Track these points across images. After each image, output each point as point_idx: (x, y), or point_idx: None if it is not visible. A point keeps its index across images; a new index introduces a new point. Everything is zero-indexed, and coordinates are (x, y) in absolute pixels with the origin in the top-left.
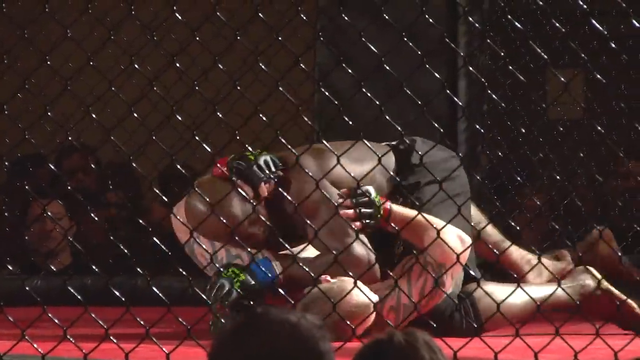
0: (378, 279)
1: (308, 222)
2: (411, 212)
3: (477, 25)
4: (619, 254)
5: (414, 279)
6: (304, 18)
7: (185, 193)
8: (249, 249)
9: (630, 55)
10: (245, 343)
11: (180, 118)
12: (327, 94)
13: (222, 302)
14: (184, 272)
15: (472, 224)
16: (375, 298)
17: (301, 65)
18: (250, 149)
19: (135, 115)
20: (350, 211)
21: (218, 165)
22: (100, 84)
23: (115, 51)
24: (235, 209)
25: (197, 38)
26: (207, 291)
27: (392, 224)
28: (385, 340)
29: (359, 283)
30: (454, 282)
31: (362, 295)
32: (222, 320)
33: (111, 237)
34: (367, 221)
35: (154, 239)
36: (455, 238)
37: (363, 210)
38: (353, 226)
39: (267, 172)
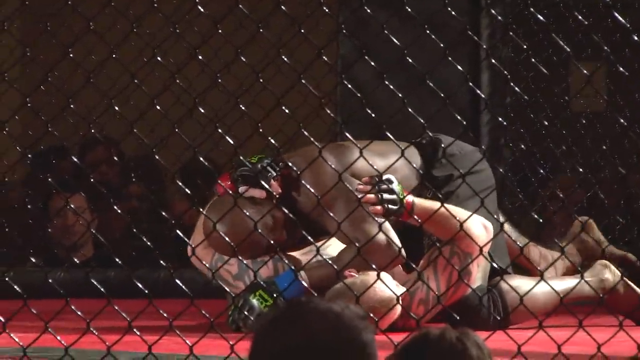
0: (403, 262)
1: (331, 214)
2: (434, 204)
3: (499, 17)
4: (604, 241)
5: (440, 270)
6: (326, 10)
7: (201, 215)
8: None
9: None
10: (288, 332)
11: (202, 111)
12: (349, 86)
13: (245, 322)
14: (206, 265)
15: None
16: (399, 291)
17: (324, 57)
18: (273, 141)
19: (158, 107)
20: (372, 196)
21: (220, 183)
22: (122, 76)
23: (137, 44)
24: (254, 218)
25: (220, 30)
26: (235, 310)
27: (416, 217)
28: (436, 335)
29: (384, 275)
30: (481, 271)
31: (387, 289)
32: (244, 314)
33: (134, 230)
34: (390, 206)
35: (177, 231)
36: (480, 226)
37: (385, 196)
38: (375, 213)
39: (271, 170)
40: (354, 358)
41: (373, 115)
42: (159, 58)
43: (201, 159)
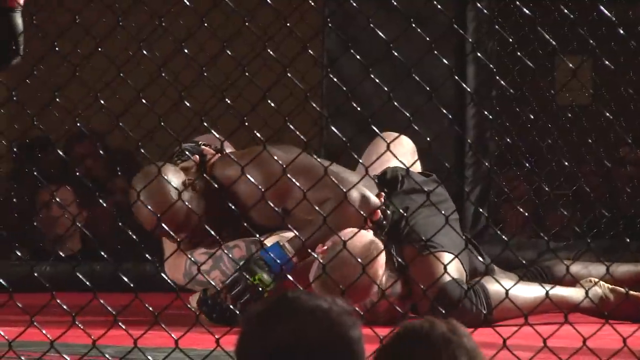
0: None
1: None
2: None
3: (485, 11)
4: None
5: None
6: (312, 4)
7: None
8: (257, 236)
9: (639, 41)
10: (276, 330)
11: (188, 104)
12: (335, 80)
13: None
14: (192, 259)
15: None
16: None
17: (309, 51)
18: (258, 134)
19: (144, 101)
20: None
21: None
22: (108, 70)
23: (123, 37)
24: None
25: (206, 24)
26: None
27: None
28: (426, 327)
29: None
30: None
31: (365, 236)
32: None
33: (120, 224)
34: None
35: (162, 224)
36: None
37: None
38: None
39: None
40: (342, 355)
41: (359, 109)
42: (144, 52)
43: (187, 152)
